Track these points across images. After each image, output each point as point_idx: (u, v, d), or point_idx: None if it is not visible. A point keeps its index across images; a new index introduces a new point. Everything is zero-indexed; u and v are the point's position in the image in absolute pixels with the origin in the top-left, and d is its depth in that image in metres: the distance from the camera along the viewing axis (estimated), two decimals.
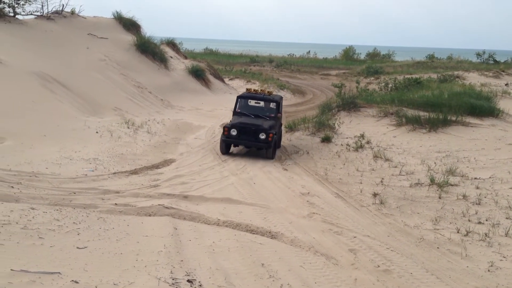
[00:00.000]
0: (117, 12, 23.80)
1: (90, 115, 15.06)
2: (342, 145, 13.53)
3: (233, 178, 10.53)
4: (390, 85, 24.39)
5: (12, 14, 19.36)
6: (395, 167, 11.42)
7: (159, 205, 8.14)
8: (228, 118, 17.69)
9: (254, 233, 7.40)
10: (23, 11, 19.91)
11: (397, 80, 25.29)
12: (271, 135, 12.32)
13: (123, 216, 7.41)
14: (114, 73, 19.23)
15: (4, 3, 19.23)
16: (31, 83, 14.88)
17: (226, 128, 12.47)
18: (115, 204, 7.99)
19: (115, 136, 12.94)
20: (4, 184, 7.78)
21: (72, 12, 21.46)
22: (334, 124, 15.23)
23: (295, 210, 8.69)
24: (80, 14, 21.74)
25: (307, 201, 9.26)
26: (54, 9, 20.88)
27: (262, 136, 12.26)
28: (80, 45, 19.65)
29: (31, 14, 20.25)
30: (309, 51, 65.57)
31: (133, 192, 8.87)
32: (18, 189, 7.78)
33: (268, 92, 13.82)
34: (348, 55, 57.80)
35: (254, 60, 49.94)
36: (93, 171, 9.90)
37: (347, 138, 14.17)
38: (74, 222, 6.54)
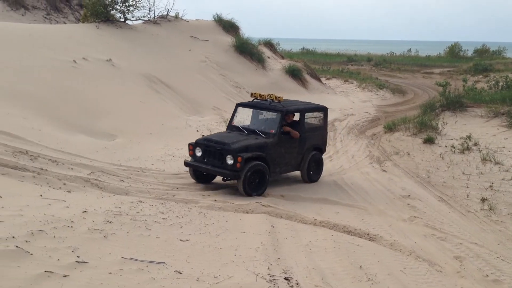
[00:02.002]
0: (217, 15, 24.59)
1: (191, 114, 15.69)
2: (446, 146, 12.81)
3: (329, 178, 10.41)
4: (501, 84, 22.70)
5: (122, 20, 20.73)
6: (507, 171, 10.60)
7: (256, 203, 8.26)
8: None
9: (351, 235, 7.26)
10: (132, 17, 21.21)
11: (508, 78, 23.46)
12: (239, 159, 8.53)
13: (222, 212, 7.62)
14: (214, 74, 19.87)
15: (116, 9, 20.64)
16: (139, 84, 15.83)
17: (191, 146, 9.23)
18: (215, 200, 8.24)
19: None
20: (116, 178, 8.35)
21: (176, 16, 22.49)
22: (437, 124, 14.48)
23: (395, 213, 8.38)
24: (183, 18, 22.72)
25: (408, 204, 8.90)
26: (160, 14, 22.02)
27: (230, 160, 8.62)
28: (183, 47, 20.55)
29: (139, 19, 21.52)
30: (410, 49, 63.00)
31: (232, 190, 9.09)
32: (128, 183, 8.31)
33: (277, 98, 9.74)
34: (454, 52, 54.52)
35: (351, 59, 49.01)
36: None
37: (451, 139, 13.40)
38: (177, 216, 6.84)
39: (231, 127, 9.91)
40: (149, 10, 21.65)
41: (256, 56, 22.76)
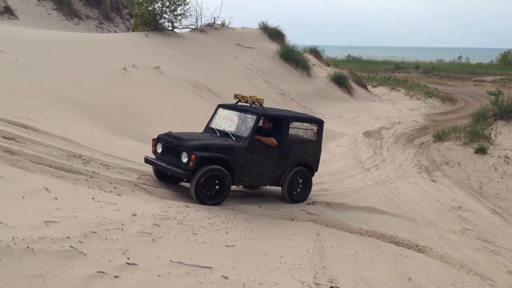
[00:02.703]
0: (262, 23, 24.77)
1: None
2: (499, 157, 12.33)
3: (376, 187, 10.24)
4: None
5: (170, 28, 21.22)
6: None
7: (301, 210, 8.22)
8: (370, 125, 17.30)
9: (399, 245, 7.09)
10: (180, 25, 21.71)
11: None
12: (192, 157, 7.60)
13: (267, 219, 7.62)
14: (259, 81, 19.98)
15: (164, 18, 21.17)
16: (186, 91, 16.11)
17: (154, 142, 8.65)
18: (260, 207, 8.25)
19: None
20: (163, 183, 8.49)
21: (223, 24, 22.81)
22: (490, 134, 13.96)
23: (445, 225, 8.14)
24: (230, 26, 23.00)
25: (459, 215, 8.62)
26: (206, 22, 22.41)
27: (184, 158, 7.74)
28: (228, 55, 20.79)
29: (187, 27, 22.00)
30: (460, 56, 61.16)
31: (276, 196, 9.08)
32: (174, 188, 8.43)
33: (257, 101, 8.65)
34: (507, 59, 52.50)
35: (399, 66, 48.09)
36: None
37: (505, 149, 12.89)
38: (223, 221, 6.89)
39: (207, 128, 9.07)
40: (196, 19, 22.09)
41: (301, 64, 22.74)
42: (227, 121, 8.83)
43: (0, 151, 6.69)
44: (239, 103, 9.02)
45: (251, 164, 8.31)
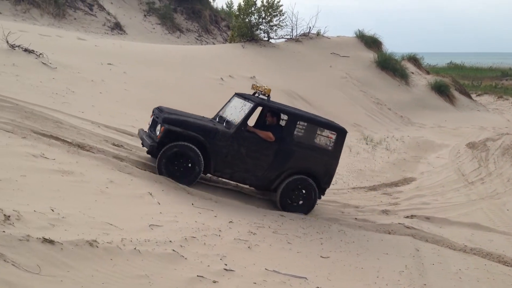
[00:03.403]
0: (359, 31, 24.34)
1: None
2: None
3: (482, 202, 9.59)
4: None
5: (266, 39, 21.62)
6: None
7: (399, 224, 7.92)
8: (475, 136, 16.26)
9: (508, 266, 6.60)
10: (276, 36, 22.03)
11: None
12: (162, 129, 7.15)
13: (362, 231, 7.44)
14: (354, 90, 19.65)
15: (260, 29, 21.62)
16: (281, 100, 16.15)
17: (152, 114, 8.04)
18: (355, 218, 8.08)
19: (353, 151, 13.15)
20: (259, 191, 8.62)
21: (318, 34, 22.78)
22: None
23: None
24: (325, 35, 22.91)
25: None
26: (301, 32, 22.52)
27: (157, 130, 7.33)
28: (323, 64, 20.70)
29: (282, 37, 22.26)
30: None
31: (372, 208, 8.85)
32: (269, 197, 8.52)
33: (264, 90, 7.96)
34: None
35: (506, 73, 44.79)
36: (333, 184, 10.21)
37: None
38: (317, 232, 6.84)
39: (216, 115, 8.45)
40: (292, 29, 22.29)
41: (399, 72, 22.02)
42: (233, 109, 8.16)
43: (110, 157, 7.20)
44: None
45: (236, 155, 7.50)
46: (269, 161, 7.63)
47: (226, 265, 4.74)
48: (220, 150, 7.43)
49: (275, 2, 21.44)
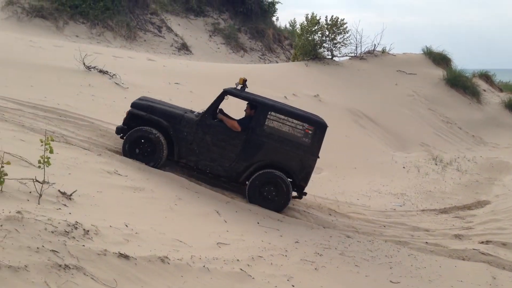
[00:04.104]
0: (426, 48, 23.67)
1: (396, 149, 15.26)
2: None
3: None
4: None
5: (330, 57, 21.53)
6: None
7: (473, 249, 7.51)
8: None
9: None
10: (339, 53, 21.90)
11: None
12: (126, 113, 7.58)
13: (434, 256, 7.12)
14: (422, 108, 19.07)
15: (324, 47, 21.58)
16: (344, 119, 16.08)
17: None
18: (426, 242, 7.75)
19: (422, 172, 12.70)
20: (324, 211, 8.52)
21: (383, 51, 22.39)
22: None
23: None
24: (390, 52, 22.48)
25: None
26: (366, 50, 22.22)
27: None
28: (388, 81, 20.27)
29: (346, 55, 22.07)
30: None
31: (444, 232, 8.46)
32: (335, 216, 8.39)
33: (242, 80, 7.88)
34: None
35: None
36: (401, 206, 9.91)
37: None
38: (386, 256, 6.62)
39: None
40: (356, 46, 22.05)
41: (470, 90, 21.13)
42: None
43: (178, 174, 7.40)
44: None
45: (200, 143, 7.47)
46: (236, 152, 7.47)
47: (293, 286, 4.69)
48: (185, 137, 7.45)
49: (339, 20, 21.36)
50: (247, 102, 7.89)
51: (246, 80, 7.97)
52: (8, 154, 4.86)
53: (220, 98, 7.66)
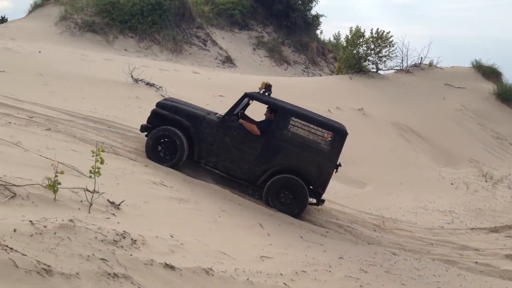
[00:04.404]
0: (476, 61, 23.02)
1: (444, 165, 14.82)
2: None
3: None
4: None
5: (374, 70, 21.27)
6: None
7: None
8: None
9: None
10: (385, 67, 21.60)
11: None
12: (151, 112, 7.83)
13: (484, 277, 6.85)
14: (471, 123, 18.49)
15: (369, 60, 21.35)
16: (389, 133, 15.80)
17: None
18: (475, 262, 7.46)
19: (471, 189, 12.27)
20: (369, 227, 8.36)
21: (430, 64, 21.92)
22: None
23: None
24: (438, 66, 21.99)
25: None
26: (412, 63, 21.83)
27: None
28: (435, 95, 19.80)
29: (391, 69, 21.75)
30: None
31: (494, 252, 8.11)
32: (380, 233, 8.22)
33: (264, 84, 8.04)
34: None
35: None
36: (449, 223, 9.59)
37: None
38: (433, 275, 6.41)
39: None
40: (402, 60, 21.70)
41: None
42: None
43: (220, 186, 7.46)
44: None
45: (220, 144, 7.57)
46: (255, 155, 7.52)
47: None
48: (205, 138, 7.58)
49: (385, 33, 21.11)
50: (267, 106, 7.97)
51: (270, 85, 8.12)
52: (61, 163, 5.04)
53: (240, 101, 7.81)
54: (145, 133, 7.83)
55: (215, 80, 16.42)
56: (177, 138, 7.48)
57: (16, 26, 19.84)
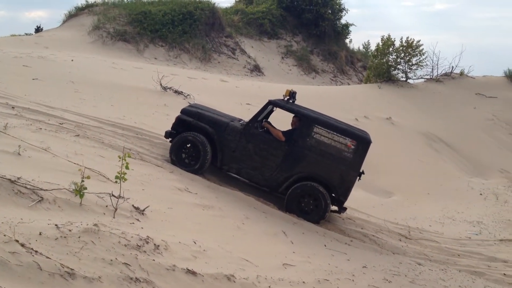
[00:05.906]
0: (508, 70, 22.48)
1: (473, 175, 14.51)
2: None
3: None
4: None
5: (404, 79, 21.04)
6: None
7: None
8: None
9: None
10: (414, 76, 21.34)
11: None
12: (176, 119, 7.91)
13: None
14: (503, 134, 18.06)
15: (398, 69, 21.14)
16: (418, 143, 15.58)
17: None
18: (504, 274, 7.28)
19: (501, 199, 11.97)
20: (394, 236, 8.27)
21: (461, 73, 21.54)
22: None
23: None
24: (469, 75, 21.59)
25: None
26: (443, 72, 21.48)
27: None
28: (466, 105, 19.44)
29: (421, 78, 21.46)
30: None
31: None
32: (405, 242, 8.12)
33: (289, 92, 7.98)
34: None
35: None
36: (477, 234, 9.39)
37: None
38: (459, 286, 6.31)
39: None
40: (432, 69, 21.37)
41: None
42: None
43: (245, 194, 7.52)
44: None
45: (243, 151, 7.57)
46: (278, 162, 7.52)
47: None
48: (229, 145, 7.61)
49: (415, 42, 20.88)
50: (293, 115, 7.99)
51: (295, 93, 8.15)
52: (88, 169, 5.18)
53: (264, 108, 7.86)
54: (170, 139, 7.97)
55: (243, 88, 16.55)
56: (201, 144, 7.55)
57: (51, 35, 20.50)
